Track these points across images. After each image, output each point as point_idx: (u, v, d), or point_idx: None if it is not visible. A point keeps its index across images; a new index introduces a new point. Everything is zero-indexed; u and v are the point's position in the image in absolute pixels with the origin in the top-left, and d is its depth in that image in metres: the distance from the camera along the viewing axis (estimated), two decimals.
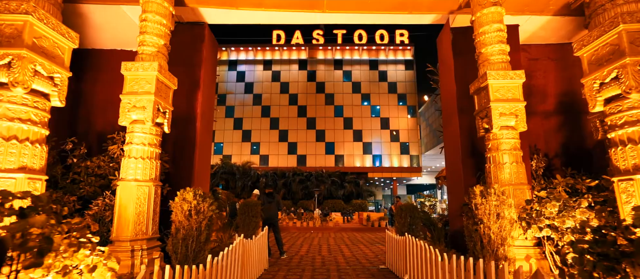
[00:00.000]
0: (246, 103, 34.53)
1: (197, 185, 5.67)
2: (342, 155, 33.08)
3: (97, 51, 6.57)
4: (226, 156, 32.28)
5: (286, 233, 16.85)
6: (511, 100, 4.45)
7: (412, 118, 33.83)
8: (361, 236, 16.11)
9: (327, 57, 35.65)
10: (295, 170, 29.86)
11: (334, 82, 34.93)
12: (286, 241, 12.29)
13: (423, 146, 33.87)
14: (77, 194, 4.49)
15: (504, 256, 3.42)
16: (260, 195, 9.79)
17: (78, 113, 6.39)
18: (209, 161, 6.50)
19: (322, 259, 8.22)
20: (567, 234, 3.23)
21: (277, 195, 9.18)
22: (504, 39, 4.67)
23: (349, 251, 10.13)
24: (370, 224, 20.36)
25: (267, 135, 33.64)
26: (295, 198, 28.43)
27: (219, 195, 7.99)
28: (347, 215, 24.12)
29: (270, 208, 8.65)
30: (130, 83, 4.22)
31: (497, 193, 3.54)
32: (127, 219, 3.87)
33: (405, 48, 35.31)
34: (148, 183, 4.07)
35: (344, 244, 12.05)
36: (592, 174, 5.02)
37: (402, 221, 7.22)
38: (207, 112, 6.23)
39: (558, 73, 6.35)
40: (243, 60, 35.89)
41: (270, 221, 8.56)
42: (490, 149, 4.53)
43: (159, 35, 4.48)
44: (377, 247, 10.77)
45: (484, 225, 3.51)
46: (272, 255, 8.44)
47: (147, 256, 3.98)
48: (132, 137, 4.13)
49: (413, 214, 7.14)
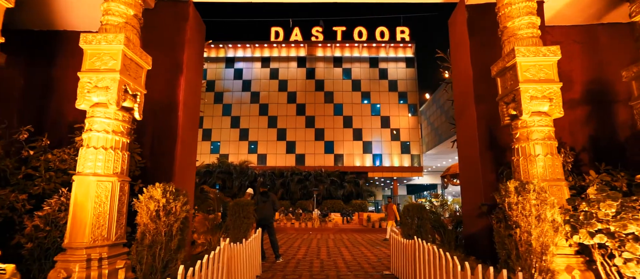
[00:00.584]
0: (244, 101, 33.82)
1: (180, 182, 4.99)
2: (342, 154, 32.41)
3: (70, 33, 5.88)
4: (223, 156, 31.57)
5: (283, 235, 16.18)
6: (544, 81, 3.76)
7: (413, 117, 33.15)
8: (361, 237, 15.46)
9: (326, 55, 34.95)
10: (293, 170, 29.19)
11: (334, 79, 34.24)
12: (283, 244, 11.61)
13: (424, 146, 33.21)
14: (31, 191, 3.79)
15: (546, 269, 2.74)
16: (254, 194, 9.15)
17: (49, 102, 5.70)
18: (194, 156, 5.79)
19: (320, 263, 7.56)
20: (630, 242, 2.55)
21: (272, 194, 8.51)
22: (533, 10, 3.99)
23: (349, 254, 9.47)
24: (370, 225, 19.74)
25: (265, 133, 32.94)
26: (294, 198, 27.76)
27: (207, 194, 7.30)
28: (346, 215, 23.47)
29: (264, 208, 7.98)
30: (91, 59, 3.52)
31: (537, 190, 2.86)
32: (83, 221, 3.18)
33: (406, 46, 34.63)
34: (111, 178, 3.38)
35: (344, 246, 11.39)
36: (629, 170, 4.36)
37: (410, 223, 6.54)
38: (192, 99, 5.53)
39: (585, 58, 5.67)
40: (241, 58, 35.16)
41: (264, 222, 7.90)
42: (519, 139, 3.84)
43: (128, 4, 3.78)
44: (380, 250, 10.10)
45: (520, 229, 2.82)
46: (266, 259, 7.79)
47: (109, 266, 3.29)
48: (92, 123, 3.43)
49: (421, 215, 6.46)
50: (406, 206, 6.65)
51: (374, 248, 10.63)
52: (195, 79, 5.72)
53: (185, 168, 5.18)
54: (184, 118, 5.13)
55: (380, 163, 32.28)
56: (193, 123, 5.61)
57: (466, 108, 5.27)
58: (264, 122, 33.24)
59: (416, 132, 32.83)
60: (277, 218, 20.76)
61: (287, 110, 33.48)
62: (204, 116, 33.44)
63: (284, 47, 35.24)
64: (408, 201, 29.49)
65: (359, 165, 32.06)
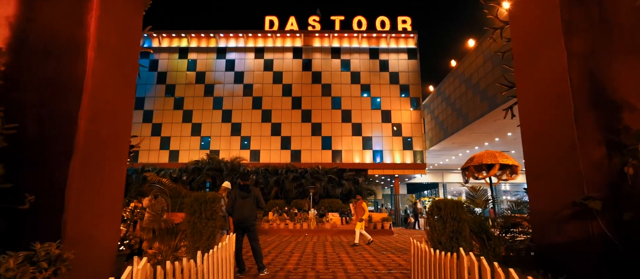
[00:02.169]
0: (236, 94, 31.81)
1: (90, 164, 3.08)
2: (340, 150, 30.54)
3: None
4: (213, 152, 29.58)
5: (276, 237, 14.31)
6: None
7: (415, 111, 31.33)
8: (363, 239, 13.62)
9: (323, 45, 33.00)
10: (288, 167, 27.30)
11: (331, 71, 32.33)
12: (273, 248, 9.73)
13: (427, 141, 31.41)
14: None
15: None
16: (231, 189, 7.28)
17: None
18: (127, 131, 3.81)
19: (316, 276, 5.76)
20: None
21: (255, 188, 6.64)
22: None
23: (351, 262, 7.64)
24: (372, 226, 17.94)
25: (258, 128, 30.97)
26: (289, 197, 25.87)
27: (156, 186, 5.41)
28: (345, 215, 21.65)
29: (244, 205, 6.14)
30: None
31: None
32: None
33: (408, 36, 32.78)
34: None
35: (344, 251, 9.56)
36: None
37: (441, 226, 4.68)
38: (119, 40, 3.61)
39: None
40: (233, 48, 33.13)
41: (244, 224, 6.06)
42: None
43: None
44: (387, 257, 8.25)
45: None
46: (246, 272, 5.97)
47: None
48: None
49: (458, 215, 4.61)
50: (436, 203, 4.80)
51: (380, 255, 8.81)
52: (127, 9, 3.79)
53: (103, 145, 3.25)
54: (99, 66, 3.21)
55: (380, 160, 30.43)
56: (122, 80, 3.67)
57: (541, 49, 3.40)
58: (257, 116, 31.28)
59: (419, 127, 31.02)
60: (271, 219, 18.81)
61: (282, 104, 31.54)
62: (193, 110, 31.46)
63: (278, 37, 33.27)
64: (411, 201, 27.57)
65: (359, 162, 30.21)
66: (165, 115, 31.29)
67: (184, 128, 30.98)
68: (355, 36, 32.77)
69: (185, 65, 32.53)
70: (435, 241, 4.64)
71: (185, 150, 30.39)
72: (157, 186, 5.23)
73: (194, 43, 33.06)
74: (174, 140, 30.76)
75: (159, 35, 32.89)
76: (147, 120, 31.21)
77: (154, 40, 33.14)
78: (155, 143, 30.69)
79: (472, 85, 21.82)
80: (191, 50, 32.89)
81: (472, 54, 21.97)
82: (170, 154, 30.46)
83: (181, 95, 31.75)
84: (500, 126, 21.63)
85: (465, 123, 22.49)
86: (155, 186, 5.23)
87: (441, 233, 4.59)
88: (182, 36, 33.08)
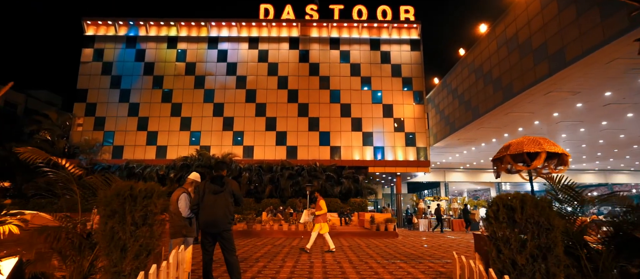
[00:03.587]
0: (228, 86, 29.89)
1: None
2: (339, 146, 28.75)
3: None
4: (204, 147, 27.72)
5: (268, 240, 12.53)
6: None
7: (418, 106, 29.59)
8: (366, 244, 11.93)
9: (322, 35, 31.15)
10: (284, 164, 25.52)
11: (330, 63, 30.51)
12: (263, 255, 7.96)
13: (431, 137, 29.70)
14: None
15: None
16: (198, 183, 5.54)
17: None
18: None
19: None
20: None
21: (231, 180, 4.93)
22: None
23: (357, 275, 5.95)
24: (374, 227, 16.22)
25: (252, 123, 29.10)
26: (284, 196, 24.10)
27: (48, 175, 3.59)
28: (345, 215, 19.93)
29: (215, 204, 4.47)
30: None
31: None
32: None
33: (411, 27, 31.02)
34: None
35: (347, 260, 7.85)
36: None
37: (517, 239, 2.94)
38: None
39: None
40: (225, 37, 31.18)
41: (214, 229, 4.39)
42: None
43: None
44: (400, 268, 6.52)
45: None
46: None
47: None
48: None
49: (549, 221, 2.86)
50: (502, 200, 3.05)
51: (389, 264, 7.12)
52: None
53: None
54: None
55: (382, 157, 28.68)
56: None
57: None
58: (251, 110, 29.40)
59: (422, 122, 29.28)
60: (264, 219, 16.97)
61: (278, 97, 29.69)
62: (182, 103, 29.55)
63: (274, 27, 31.37)
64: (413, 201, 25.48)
65: (359, 159, 28.44)
66: (153, 108, 29.34)
67: (173, 123, 29.05)
68: (355, 26, 31.01)
69: (174, 55, 30.57)
70: (506, 262, 2.89)
71: (173, 145, 28.47)
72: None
73: (183, 32, 31.09)
74: (161, 135, 28.82)
75: (146, 23, 30.90)
76: (133, 114, 29.24)
77: (140, 29, 31.14)
78: (142, 138, 28.74)
79: (484, 74, 20.12)
80: (181, 40, 30.94)
81: (484, 41, 20.26)
82: (158, 150, 28.52)
83: (170, 87, 29.79)
84: (513, 120, 19.97)
85: (475, 117, 20.79)
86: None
87: (516, 249, 2.84)
88: (171, 24, 31.11)
